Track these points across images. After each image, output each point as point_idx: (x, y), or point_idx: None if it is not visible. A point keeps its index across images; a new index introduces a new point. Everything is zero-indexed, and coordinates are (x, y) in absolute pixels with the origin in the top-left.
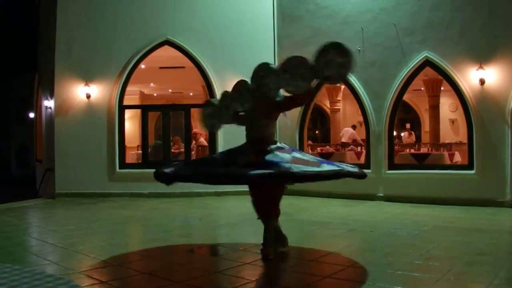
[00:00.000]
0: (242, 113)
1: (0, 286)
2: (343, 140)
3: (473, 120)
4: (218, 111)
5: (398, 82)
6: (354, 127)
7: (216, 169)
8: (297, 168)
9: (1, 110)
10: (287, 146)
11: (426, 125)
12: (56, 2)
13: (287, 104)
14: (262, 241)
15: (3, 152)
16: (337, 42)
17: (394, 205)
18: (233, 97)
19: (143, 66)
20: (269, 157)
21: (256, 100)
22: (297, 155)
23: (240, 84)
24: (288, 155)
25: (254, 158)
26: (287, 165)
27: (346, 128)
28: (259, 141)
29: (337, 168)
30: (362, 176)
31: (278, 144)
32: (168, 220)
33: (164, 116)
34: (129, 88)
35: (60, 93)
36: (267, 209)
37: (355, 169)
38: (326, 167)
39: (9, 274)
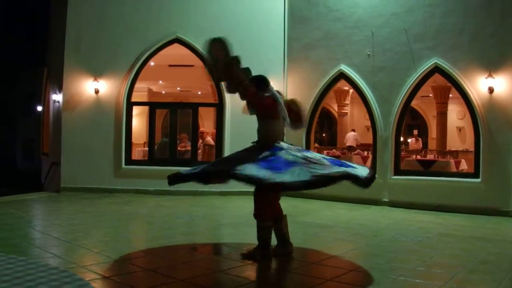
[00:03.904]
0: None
1: (4, 277)
2: (348, 144)
3: (481, 128)
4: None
5: (407, 88)
6: (353, 130)
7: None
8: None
9: (9, 103)
10: (289, 146)
11: (433, 132)
12: None
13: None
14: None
15: (9, 145)
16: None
17: (398, 211)
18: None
19: (152, 63)
20: (263, 155)
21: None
22: (298, 154)
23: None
24: (285, 156)
25: (250, 157)
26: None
27: (348, 134)
28: (262, 140)
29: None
30: (366, 181)
31: (281, 144)
32: (172, 217)
33: (171, 114)
34: (138, 85)
35: (69, 88)
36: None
37: (363, 173)
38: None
39: (14, 265)
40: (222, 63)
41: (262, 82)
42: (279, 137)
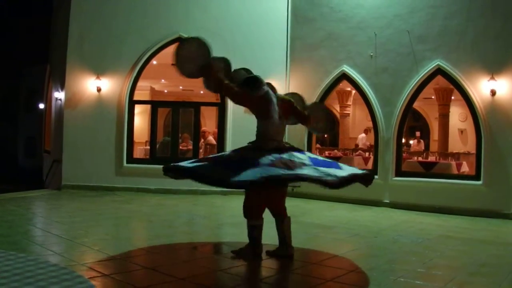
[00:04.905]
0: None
1: (4, 273)
2: (360, 146)
3: (483, 130)
4: (200, 55)
5: (409, 90)
6: (366, 131)
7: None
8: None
9: (11, 101)
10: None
11: (435, 134)
12: None
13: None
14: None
15: (11, 142)
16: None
17: (399, 212)
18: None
19: (154, 62)
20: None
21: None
22: (285, 156)
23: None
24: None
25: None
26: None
27: (360, 135)
28: (258, 139)
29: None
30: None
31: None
32: (173, 216)
33: (173, 113)
34: (140, 84)
35: (71, 85)
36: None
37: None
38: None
39: (13, 262)
40: (196, 63)
41: (252, 82)
42: (277, 137)
